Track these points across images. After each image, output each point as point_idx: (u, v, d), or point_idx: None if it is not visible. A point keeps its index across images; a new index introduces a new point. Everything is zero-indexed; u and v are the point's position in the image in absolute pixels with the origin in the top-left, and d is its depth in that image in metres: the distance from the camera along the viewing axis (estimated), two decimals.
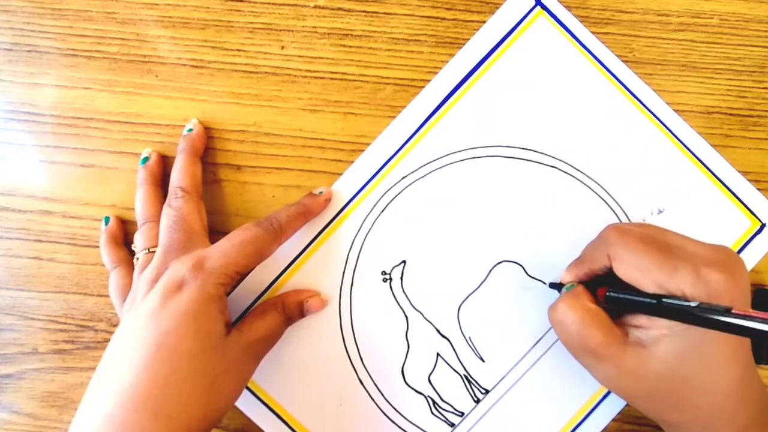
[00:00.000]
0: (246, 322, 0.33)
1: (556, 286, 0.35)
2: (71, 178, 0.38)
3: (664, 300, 0.28)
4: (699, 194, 0.37)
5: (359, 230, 0.37)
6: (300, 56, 0.38)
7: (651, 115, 0.37)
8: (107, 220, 0.37)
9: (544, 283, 0.36)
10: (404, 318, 0.37)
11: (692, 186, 0.37)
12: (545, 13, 0.37)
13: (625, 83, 0.37)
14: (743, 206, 0.37)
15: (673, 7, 0.38)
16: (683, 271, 0.28)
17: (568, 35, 0.37)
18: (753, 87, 0.38)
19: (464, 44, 0.37)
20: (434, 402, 0.36)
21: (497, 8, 0.38)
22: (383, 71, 0.38)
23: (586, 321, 0.30)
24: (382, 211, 0.37)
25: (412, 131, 0.37)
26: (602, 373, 0.31)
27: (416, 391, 0.36)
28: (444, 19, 0.38)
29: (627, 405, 0.36)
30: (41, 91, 0.38)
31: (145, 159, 0.37)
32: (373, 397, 0.36)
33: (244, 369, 0.32)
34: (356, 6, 0.38)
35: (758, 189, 0.37)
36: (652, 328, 0.29)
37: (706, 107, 0.37)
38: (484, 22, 0.38)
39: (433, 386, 0.36)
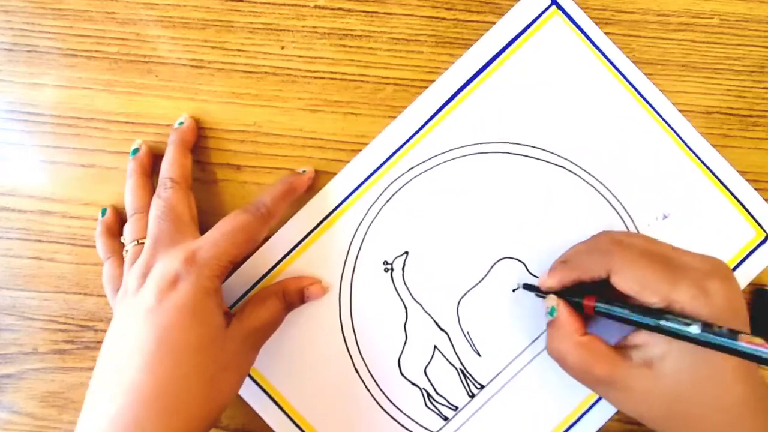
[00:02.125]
0: (246, 311, 0.33)
1: (531, 288, 0.35)
2: (71, 178, 0.38)
3: (662, 321, 0.28)
4: (705, 201, 0.37)
5: (363, 218, 0.37)
6: (300, 56, 0.38)
7: (662, 120, 0.37)
8: (104, 211, 0.37)
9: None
10: (403, 309, 0.37)
11: (699, 193, 0.37)
12: (560, 12, 0.37)
13: (637, 87, 0.37)
14: (749, 216, 0.37)
15: (673, 7, 0.38)
16: (685, 283, 0.28)
17: (582, 36, 0.37)
18: (753, 87, 0.38)
19: (465, 44, 0.37)
20: (429, 394, 0.36)
21: (497, 8, 0.38)
22: (383, 71, 0.38)
23: (584, 358, 0.30)
24: (388, 200, 0.37)
25: (423, 122, 0.37)
26: (614, 399, 0.31)
27: (411, 382, 0.36)
28: (444, 19, 0.38)
29: None
30: (41, 91, 0.38)
31: (135, 150, 0.37)
32: (368, 386, 0.36)
33: (243, 360, 0.33)
34: (356, 6, 0.38)
35: (757, 189, 0.37)
36: (654, 346, 0.29)
37: (706, 107, 0.37)
38: (485, 21, 0.38)
39: (428, 379, 0.36)
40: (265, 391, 0.36)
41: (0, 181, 0.38)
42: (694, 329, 0.27)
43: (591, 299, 0.31)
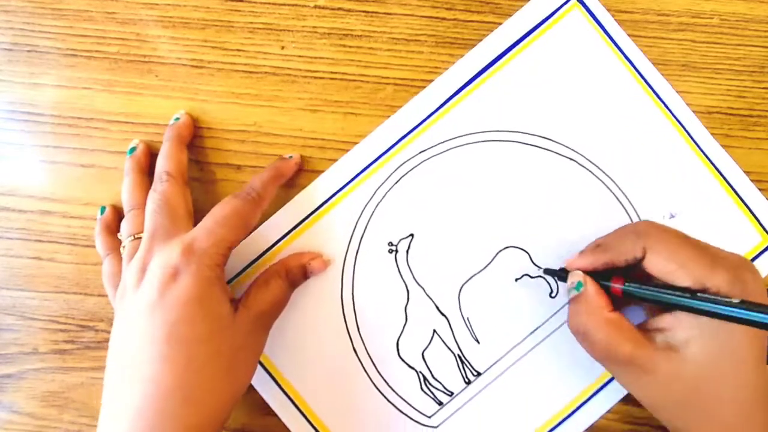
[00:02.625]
0: (251, 296, 0.33)
1: (553, 272, 0.35)
2: (71, 178, 0.38)
3: (699, 294, 0.27)
4: (713, 203, 0.37)
5: (371, 199, 0.37)
6: (300, 56, 0.38)
7: (674, 119, 0.37)
8: (103, 209, 0.37)
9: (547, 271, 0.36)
10: (405, 291, 0.37)
11: (707, 195, 0.37)
12: (580, 6, 0.37)
13: (652, 85, 0.37)
14: (756, 221, 0.37)
15: (673, 7, 0.38)
16: (722, 269, 0.28)
17: (601, 31, 0.37)
18: (753, 87, 0.38)
19: (465, 44, 0.37)
20: (425, 378, 0.36)
21: (497, 8, 0.38)
22: (383, 71, 0.38)
23: (612, 335, 0.29)
24: (396, 182, 0.37)
25: (436, 107, 0.37)
26: (634, 381, 0.30)
27: (408, 365, 0.36)
28: (444, 19, 0.38)
29: (620, 402, 0.36)
30: (41, 91, 0.38)
31: (132, 149, 0.37)
32: (365, 366, 0.36)
33: (256, 342, 0.33)
34: (356, 6, 0.38)
35: (759, 189, 0.37)
36: (678, 329, 0.29)
37: (706, 107, 0.37)
38: (485, 21, 0.38)
39: (425, 362, 0.36)
40: (264, 368, 0.36)
41: (0, 181, 0.38)
42: (736, 301, 0.26)
43: (618, 281, 0.30)
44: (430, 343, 0.36)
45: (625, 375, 0.30)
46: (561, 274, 0.34)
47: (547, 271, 0.35)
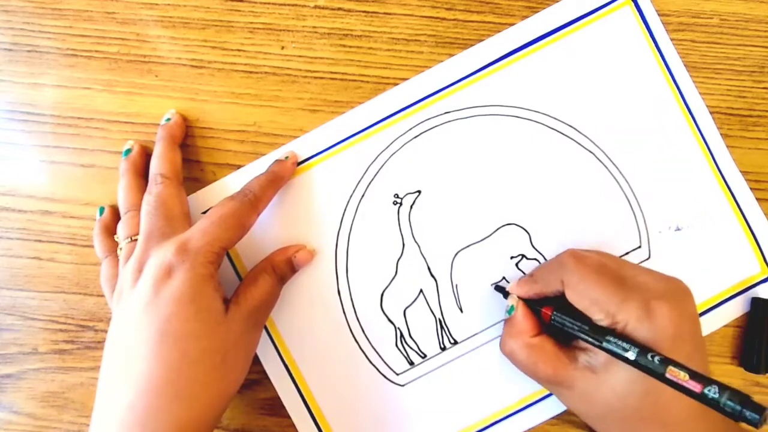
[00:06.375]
0: (241, 293, 0.33)
1: (500, 290, 0.36)
2: (71, 178, 0.38)
3: (605, 343, 0.28)
4: (720, 226, 0.37)
5: (387, 147, 0.37)
6: (300, 56, 0.38)
7: (700, 137, 0.37)
8: (102, 210, 0.37)
9: (545, 258, 0.37)
10: (401, 245, 0.37)
11: (717, 216, 0.37)
12: (632, 4, 0.37)
13: (686, 98, 0.37)
14: (759, 251, 0.37)
15: (673, 7, 0.38)
16: (632, 303, 0.28)
17: (647, 33, 0.37)
18: (753, 87, 0.38)
19: (465, 44, 0.37)
20: (402, 335, 0.36)
21: (497, 8, 0.38)
22: (383, 71, 0.38)
23: (531, 358, 0.32)
24: (416, 137, 0.37)
25: (473, 70, 0.37)
26: (559, 395, 0.32)
27: (388, 318, 0.37)
28: (444, 19, 0.38)
29: None
30: (41, 91, 0.38)
31: (128, 151, 0.37)
32: (345, 310, 0.37)
33: (249, 339, 0.33)
34: (356, 6, 0.38)
35: (757, 189, 0.37)
36: (599, 354, 0.30)
37: (707, 107, 0.37)
38: (485, 21, 0.38)
39: (405, 319, 0.37)
40: None
41: (0, 181, 0.38)
42: (630, 355, 0.27)
43: (549, 309, 0.32)
44: (414, 301, 0.37)
45: (551, 390, 0.33)
46: (506, 295, 0.35)
47: (497, 288, 0.36)
